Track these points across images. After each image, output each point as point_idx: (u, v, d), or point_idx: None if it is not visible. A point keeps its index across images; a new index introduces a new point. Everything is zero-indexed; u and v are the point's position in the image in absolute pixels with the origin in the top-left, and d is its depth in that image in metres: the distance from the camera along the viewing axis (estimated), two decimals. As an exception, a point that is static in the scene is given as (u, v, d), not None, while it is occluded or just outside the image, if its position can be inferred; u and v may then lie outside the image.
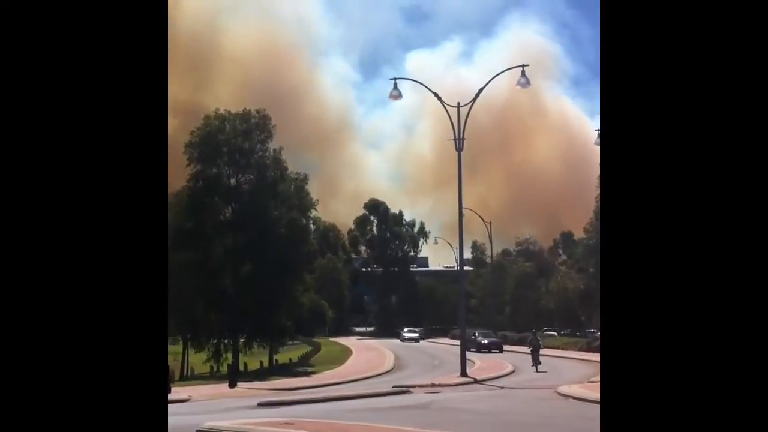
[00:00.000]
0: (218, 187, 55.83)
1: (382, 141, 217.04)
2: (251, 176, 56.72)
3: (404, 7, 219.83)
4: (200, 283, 53.56)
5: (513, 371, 39.66)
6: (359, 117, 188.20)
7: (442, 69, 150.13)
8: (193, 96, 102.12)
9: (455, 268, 77.74)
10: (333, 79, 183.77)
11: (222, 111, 56.58)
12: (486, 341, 61.62)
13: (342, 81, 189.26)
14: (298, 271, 57.38)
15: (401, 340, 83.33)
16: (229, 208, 56.65)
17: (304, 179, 59.51)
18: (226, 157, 55.84)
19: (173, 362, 52.28)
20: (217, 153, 55.49)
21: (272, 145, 57.20)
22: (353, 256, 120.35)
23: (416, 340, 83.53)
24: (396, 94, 35.20)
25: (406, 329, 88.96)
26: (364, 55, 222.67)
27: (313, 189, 61.99)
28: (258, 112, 56.66)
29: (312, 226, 64.80)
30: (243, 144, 55.89)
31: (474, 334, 62.65)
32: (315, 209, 62.45)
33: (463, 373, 34.21)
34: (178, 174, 56.85)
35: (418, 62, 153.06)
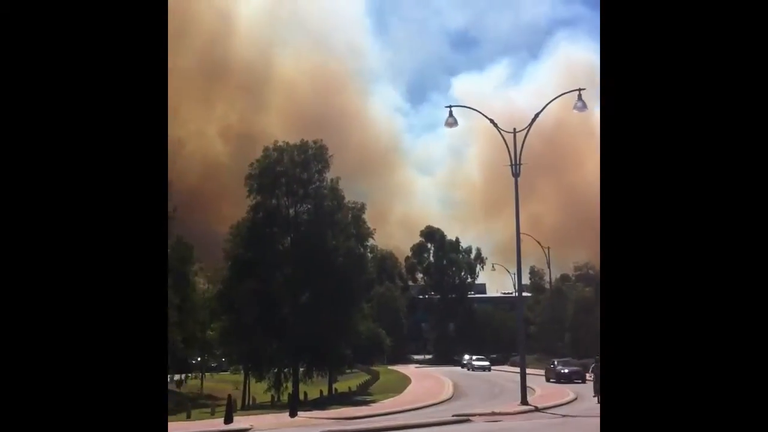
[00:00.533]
0: (277, 217, 56.76)
1: (431, 166, 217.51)
2: (309, 206, 57.54)
3: (451, 32, 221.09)
4: (260, 313, 54.31)
5: (575, 399, 39.08)
6: (408, 143, 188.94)
7: (491, 92, 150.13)
8: (246, 122, 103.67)
9: (513, 294, 77.05)
10: (382, 106, 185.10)
11: (280, 143, 57.65)
12: (566, 370, 57.40)
13: (391, 107, 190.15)
14: (356, 300, 57.80)
15: (467, 369, 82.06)
16: (288, 238, 57.47)
17: (361, 208, 60.11)
18: (284, 187, 56.80)
19: (235, 391, 52.99)
20: (275, 184, 56.50)
21: (329, 175, 57.99)
22: (410, 283, 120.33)
23: (487, 368, 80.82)
24: (452, 122, 35.35)
25: (474, 357, 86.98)
26: (412, 81, 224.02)
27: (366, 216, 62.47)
28: (315, 142, 57.58)
29: (369, 254, 65.08)
30: (301, 175, 56.81)
31: (553, 363, 60.26)
32: (372, 238, 62.88)
33: (524, 401, 33.89)
34: (240, 204, 58.02)
35: (466, 87, 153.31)
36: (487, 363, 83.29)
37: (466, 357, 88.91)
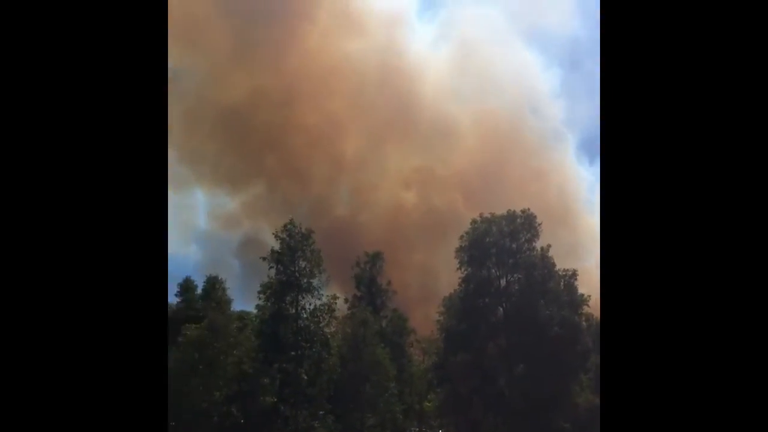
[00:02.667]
0: (488, 288, 57.09)
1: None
2: (520, 276, 57.37)
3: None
4: (475, 385, 54.34)
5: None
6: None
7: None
8: (432, 173, 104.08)
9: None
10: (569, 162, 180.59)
11: (487, 214, 58.37)
12: None
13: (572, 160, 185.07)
14: (573, 371, 56.21)
15: None
16: (500, 308, 57.49)
17: (573, 275, 58.94)
18: (494, 258, 57.18)
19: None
20: (485, 255, 57.05)
21: (538, 244, 57.65)
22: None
23: None
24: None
25: None
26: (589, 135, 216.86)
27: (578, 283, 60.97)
28: (523, 212, 57.74)
29: (584, 323, 63.32)
30: (510, 245, 57.00)
31: None
32: (587, 305, 61.24)
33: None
34: (453, 275, 58.88)
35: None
36: None
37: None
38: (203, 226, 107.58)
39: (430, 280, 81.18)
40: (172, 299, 64.30)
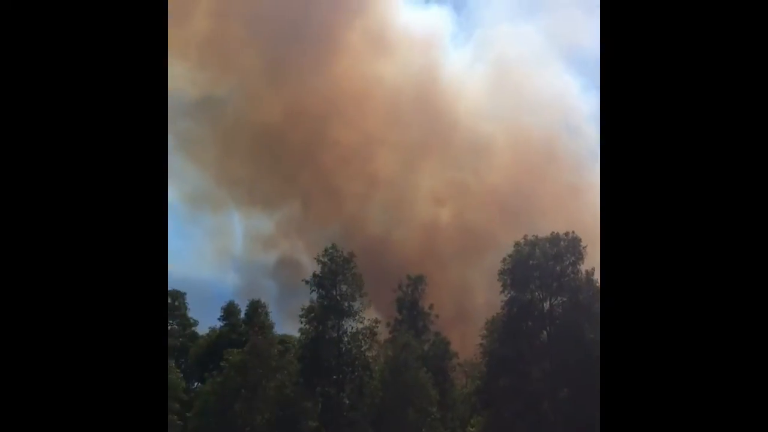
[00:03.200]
0: (532, 311, 56.40)
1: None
2: (564, 299, 56.58)
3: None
4: (519, 409, 53.58)
5: None
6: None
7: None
8: (463, 189, 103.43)
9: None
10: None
11: (530, 237, 57.81)
12: None
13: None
14: (619, 396, 55.19)
15: None
16: (545, 332, 56.71)
17: (619, 299, 58.02)
18: (538, 281, 56.52)
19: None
20: (529, 278, 56.43)
21: (583, 266, 56.85)
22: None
23: None
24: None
25: None
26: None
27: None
28: (566, 234, 57.06)
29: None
30: (554, 267, 56.31)
31: None
32: (633, 329, 60.17)
33: None
34: (495, 300, 58.43)
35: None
36: None
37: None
38: (240, 248, 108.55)
39: (466, 299, 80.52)
40: (216, 323, 64.98)
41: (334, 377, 50.02)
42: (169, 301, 66.88)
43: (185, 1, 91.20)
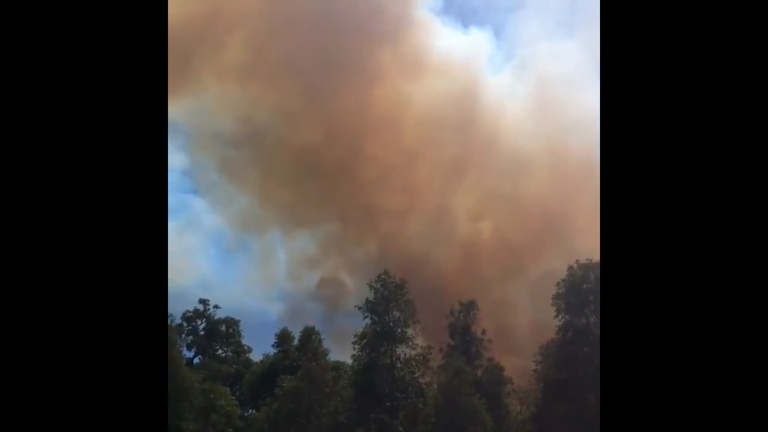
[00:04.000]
0: (587, 336, 55.54)
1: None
2: (620, 324, 55.74)
3: None
4: (577, 436, 52.63)
5: None
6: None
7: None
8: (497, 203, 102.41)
9: None
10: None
11: (584, 260, 57.14)
12: None
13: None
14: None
15: None
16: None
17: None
18: (592, 305, 55.70)
19: None
20: (584, 303, 55.69)
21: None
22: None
23: None
24: None
25: None
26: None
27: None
28: (621, 258, 56.34)
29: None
30: (608, 291, 55.57)
31: None
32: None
33: None
34: (548, 324, 57.73)
35: None
36: None
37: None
38: (285, 270, 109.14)
39: (509, 317, 79.26)
40: (263, 348, 65.50)
41: (388, 404, 49.87)
42: (223, 328, 67.72)
43: (223, 29, 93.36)
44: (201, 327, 68.03)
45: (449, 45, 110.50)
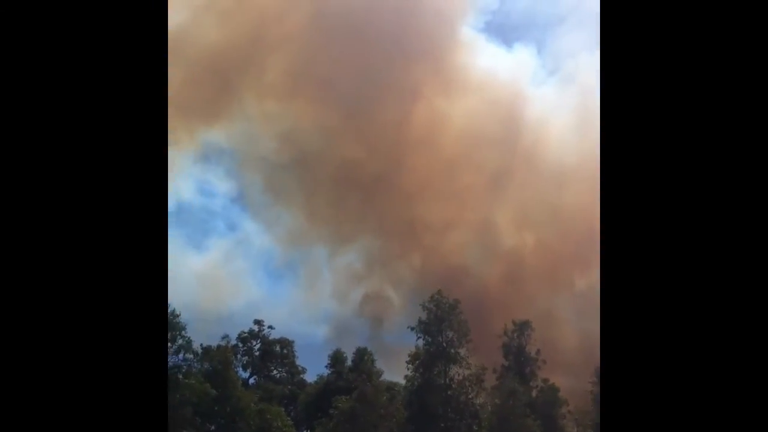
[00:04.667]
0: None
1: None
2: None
3: None
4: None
5: None
6: None
7: None
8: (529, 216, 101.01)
9: None
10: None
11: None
12: None
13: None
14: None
15: None
16: (658, 378, 54.88)
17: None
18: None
19: None
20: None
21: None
22: None
23: None
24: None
25: None
26: None
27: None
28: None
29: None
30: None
31: None
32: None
33: None
34: (597, 339, 56.77)
35: None
36: None
37: None
38: (329, 289, 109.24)
39: (556, 332, 77.97)
40: (320, 370, 65.84)
41: (442, 425, 49.76)
42: (278, 349, 68.33)
43: (265, 52, 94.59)
44: (256, 347, 68.77)
45: (492, 62, 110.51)
